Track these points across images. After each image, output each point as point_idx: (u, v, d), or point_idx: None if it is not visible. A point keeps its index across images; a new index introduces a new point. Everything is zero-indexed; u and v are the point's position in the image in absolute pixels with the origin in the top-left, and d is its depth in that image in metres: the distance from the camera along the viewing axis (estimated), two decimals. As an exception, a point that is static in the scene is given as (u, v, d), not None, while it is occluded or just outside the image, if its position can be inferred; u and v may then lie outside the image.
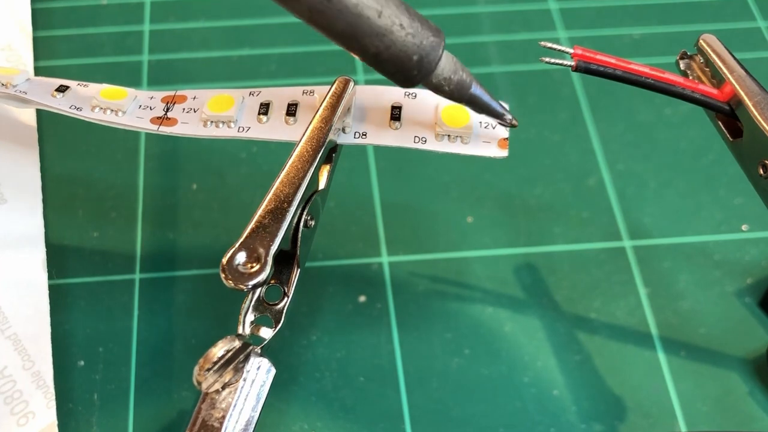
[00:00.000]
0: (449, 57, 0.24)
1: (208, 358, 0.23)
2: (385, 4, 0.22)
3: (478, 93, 0.25)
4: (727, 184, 0.37)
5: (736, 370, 0.32)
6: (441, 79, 0.24)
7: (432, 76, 0.24)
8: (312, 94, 0.29)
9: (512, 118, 0.26)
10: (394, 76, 0.23)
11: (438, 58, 0.23)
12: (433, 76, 0.24)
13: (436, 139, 0.27)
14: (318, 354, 0.32)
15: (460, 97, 0.25)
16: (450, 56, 0.24)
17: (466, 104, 0.25)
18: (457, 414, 0.31)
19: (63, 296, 0.33)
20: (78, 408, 0.30)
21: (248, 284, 0.23)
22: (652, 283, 0.34)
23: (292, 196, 0.25)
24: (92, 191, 0.36)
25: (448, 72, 0.24)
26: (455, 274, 0.34)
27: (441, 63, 0.23)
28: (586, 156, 0.37)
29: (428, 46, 0.23)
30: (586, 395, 0.31)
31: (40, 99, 0.29)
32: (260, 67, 0.40)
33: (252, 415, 0.24)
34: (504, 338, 0.33)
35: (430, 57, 0.23)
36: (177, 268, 0.34)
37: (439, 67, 0.24)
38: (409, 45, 0.22)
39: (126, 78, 0.39)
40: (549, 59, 0.26)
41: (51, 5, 0.42)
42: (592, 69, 0.25)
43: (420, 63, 0.23)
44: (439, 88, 0.24)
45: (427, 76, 0.24)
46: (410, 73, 0.23)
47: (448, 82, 0.24)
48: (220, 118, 0.28)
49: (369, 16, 0.22)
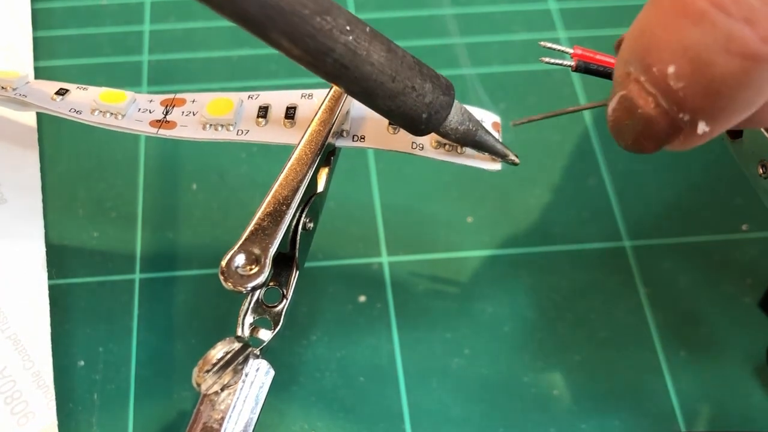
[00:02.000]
0: (458, 109, 0.25)
1: (207, 360, 0.23)
2: (399, 69, 0.23)
3: (482, 139, 0.26)
4: (727, 184, 0.37)
5: (736, 370, 0.32)
6: (448, 129, 0.25)
7: (440, 127, 0.25)
8: (311, 97, 0.29)
9: (515, 158, 0.27)
10: (404, 127, 0.25)
11: (446, 115, 0.25)
12: (441, 127, 0.25)
13: (432, 147, 0.27)
14: (318, 354, 0.32)
15: (465, 143, 0.26)
16: (459, 108, 0.25)
17: (471, 147, 0.27)
18: (457, 414, 0.31)
19: (63, 296, 0.33)
20: (78, 408, 0.30)
21: (247, 286, 0.23)
22: (652, 283, 0.34)
23: (291, 198, 0.25)
24: (92, 191, 0.36)
25: (455, 124, 0.25)
26: (455, 274, 0.34)
27: (449, 117, 0.25)
28: (586, 156, 0.37)
29: (437, 105, 0.24)
30: (586, 395, 0.31)
31: (39, 102, 0.29)
32: (260, 67, 0.40)
33: (251, 417, 0.24)
34: (504, 338, 0.33)
35: (438, 114, 0.24)
36: (177, 268, 0.34)
37: (447, 121, 0.25)
38: (419, 105, 0.24)
39: (126, 78, 0.39)
40: (549, 59, 0.26)
41: (51, 5, 0.42)
42: (592, 69, 0.25)
43: (429, 120, 0.24)
44: (446, 136, 0.26)
45: (435, 129, 0.25)
46: (419, 127, 0.24)
47: (454, 132, 0.25)
48: (219, 122, 0.28)
49: (383, 81, 0.23)
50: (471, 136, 0.26)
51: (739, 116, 0.19)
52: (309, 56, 0.21)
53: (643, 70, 0.20)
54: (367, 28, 0.22)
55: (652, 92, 0.20)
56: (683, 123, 0.20)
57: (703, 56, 0.18)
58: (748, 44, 0.18)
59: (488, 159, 0.27)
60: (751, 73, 0.18)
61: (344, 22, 0.21)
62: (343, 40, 0.21)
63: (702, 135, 0.20)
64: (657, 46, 0.19)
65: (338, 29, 0.21)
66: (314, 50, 0.21)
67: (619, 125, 0.21)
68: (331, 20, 0.21)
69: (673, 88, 0.19)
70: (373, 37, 0.22)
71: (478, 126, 0.26)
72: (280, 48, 0.21)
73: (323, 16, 0.20)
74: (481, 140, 0.26)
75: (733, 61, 0.18)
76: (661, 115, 0.20)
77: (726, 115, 0.19)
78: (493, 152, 0.27)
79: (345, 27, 0.21)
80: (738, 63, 0.18)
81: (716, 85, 0.18)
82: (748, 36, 0.17)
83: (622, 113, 0.21)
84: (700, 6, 0.18)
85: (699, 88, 0.19)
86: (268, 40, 0.21)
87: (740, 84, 0.18)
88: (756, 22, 0.17)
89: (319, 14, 0.20)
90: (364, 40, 0.22)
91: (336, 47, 0.21)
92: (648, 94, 0.20)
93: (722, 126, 0.20)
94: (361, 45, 0.22)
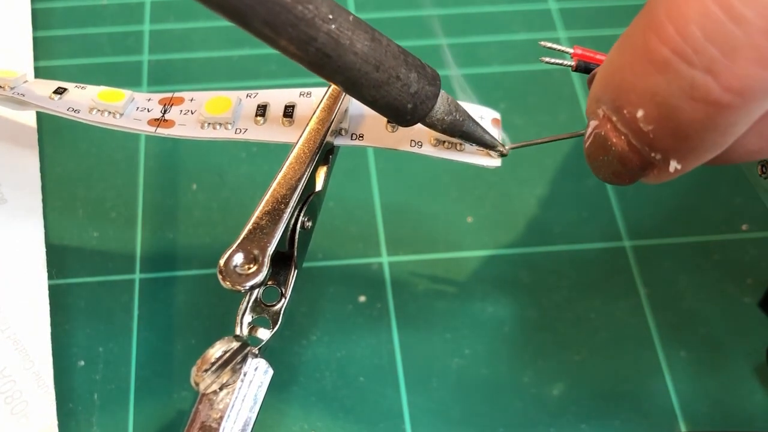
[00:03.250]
0: (444, 99, 0.25)
1: (205, 359, 0.23)
2: (384, 59, 0.22)
3: (470, 130, 0.26)
4: (727, 184, 0.37)
5: (736, 371, 0.32)
6: (435, 119, 0.25)
7: (426, 117, 0.25)
8: (309, 95, 0.28)
9: (504, 149, 0.27)
10: (389, 117, 0.24)
11: (432, 105, 0.24)
12: (426, 117, 0.25)
13: (431, 145, 0.27)
14: (318, 354, 0.32)
15: (452, 133, 0.26)
16: (445, 98, 0.25)
17: (458, 138, 0.26)
18: (457, 414, 0.31)
19: (63, 296, 0.33)
20: (78, 408, 0.30)
21: (245, 285, 0.23)
22: (652, 283, 0.34)
23: (289, 197, 0.25)
24: (92, 191, 0.36)
25: (442, 114, 0.25)
26: (455, 274, 0.34)
27: (435, 107, 0.24)
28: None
29: (423, 95, 0.24)
30: (586, 395, 0.31)
31: (37, 101, 0.29)
32: (260, 67, 0.40)
33: (249, 416, 0.24)
34: (504, 338, 0.33)
35: (424, 105, 0.24)
36: (177, 268, 0.34)
37: (433, 111, 0.24)
38: (404, 95, 0.23)
39: (126, 78, 0.40)
40: (549, 59, 0.26)
41: (51, 5, 0.42)
42: (592, 69, 0.26)
43: (414, 110, 0.24)
44: (433, 126, 0.25)
45: (421, 119, 0.25)
46: (404, 117, 0.24)
47: (441, 122, 0.25)
48: (218, 120, 0.28)
49: (367, 71, 0.22)
50: (458, 126, 0.25)
51: (709, 155, 0.20)
52: (292, 45, 0.21)
53: (615, 111, 0.20)
54: (351, 17, 0.22)
55: (624, 132, 0.21)
56: (655, 160, 0.21)
57: (669, 102, 0.19)
58: (710, 93, 0.18)
59: (486, 154, 0.27)
60: (715, 119, 0.19)
61: (327, 10, 0.21)
62: (326, 29, 0.21)
63: (674, 172, 0.21)
64: (626, 89, 0.20)
65: (320, 18, 0.21)
66: (296, 39, 0.21)
67: (594, 161, 0.22)
68: (313, 9, 0.20)
69: (643, 130, 0.20)
70: (357, 25, 0.22)
71: (465, 116, 0.26)
72: (262, 37, 0.21)
73: (305, 5, 0.20)
74: (468, 131, 0.26)
75: (697, 107, 0.18)
76: (633, 153, 0.21)
77: (695, 155, 0.20)
78: (481, 143, 0.27)
79: (327, 15, 0.21)
80: (702, 109, 0.18)
81: (684, 129, 0.19)
82: (710, 85, 0.18)
83: (597, 149, 0.22)
84: (663, 54, 0.18)
85: (668, 132, 0.19)
86: (251, 29, 0.20)
87: (706, 128, 0.19)
88: (717, 72, 0.18)
89: (300, 3, 0.20)
90: (347, 29, 0.21)
91: (318, 36, 0.21)
92: (620, 133, 0.21)
93: (693, 164, 0.20)
94: (344, 34, 0.21)
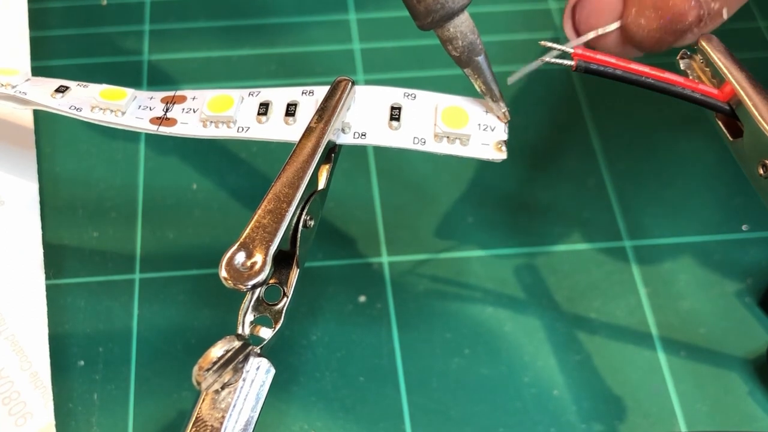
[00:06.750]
0: (469, 19, 0.25)
1: (207, 358, 0.23)
2: None
3: (483, 65, 0.26)
4: (727, 184, 0.37)
5: (736, 370, 0.32)
6: (458, 31, 0.25)
7: (450, 24, 0.24)
8: (311, 94, 0.28)
9: (506, 110, 0.27)
10: (414, 9, 0.24)
11: (459, 8, 0.24)
12: (451, 24, 0.24)
13: (435, 141, 0.27)
14: (318, 354, 0.32)
15: (467, 60, 0.26)
16: (470, 20, 0.25)
17: (469, 70, 0.26)
18: (457, 414, 0.31)
19: (63, 296, 0.33)
20: (78, 408, 0.30)
21: (247, 284, 0.23)
22: (652, 283, 0.34)
23: (292, 196, 0.25)
24: (92, 191, 0.36)
25: (465, 29, 0.25)
26: (455, 274, 0.34)
27: (461, 17, 0.24)
28: (586, 156, 0.37)
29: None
30: (586, 395, 0.31)
31: (39, 100, 0.29)
32: (260, 67, 0.40)
33: (251, 416, 0.24)
34: (504, 338, 0.33)
35: (454, 3, 0.24)
36: (177, 268, 0.34)
37: (458, 19, 0.24)
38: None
39: (126, 78, 0.39)
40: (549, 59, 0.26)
41: (51, 5, 0.42)
42: (592, 69, 0.25)
43: (445, 2, 0.24)
44: (451, 41, 0.25)
45: (449, 16, 0.24)
46: (433, 7, 0.24)
47: (462, 37, 0.25)
48: (220, 119, 0.28)
49: None
50: (475, 52, 0.25)
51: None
52: None
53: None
54: None
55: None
56: (712, 10, 0.24)
57: None
58: None
59: (492, 148, 0.27)
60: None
61: None
62: None
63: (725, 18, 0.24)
64: None
65: None
66: None
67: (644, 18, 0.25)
68: None
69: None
70: None
71: (483, 49, 0.26)
72: None
73: None
74: (481, 65, 0.26)
75: None
76: (693, 7, 0.24)
77: None
78: (487, 87, 0.27)
79: None
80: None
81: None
82: None
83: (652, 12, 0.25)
84: None
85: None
86: None
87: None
88: None
89: None
90: None
91: None
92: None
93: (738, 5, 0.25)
94: None
